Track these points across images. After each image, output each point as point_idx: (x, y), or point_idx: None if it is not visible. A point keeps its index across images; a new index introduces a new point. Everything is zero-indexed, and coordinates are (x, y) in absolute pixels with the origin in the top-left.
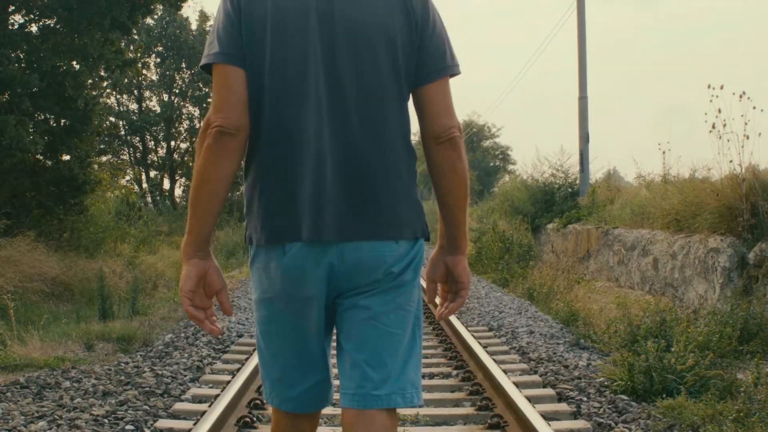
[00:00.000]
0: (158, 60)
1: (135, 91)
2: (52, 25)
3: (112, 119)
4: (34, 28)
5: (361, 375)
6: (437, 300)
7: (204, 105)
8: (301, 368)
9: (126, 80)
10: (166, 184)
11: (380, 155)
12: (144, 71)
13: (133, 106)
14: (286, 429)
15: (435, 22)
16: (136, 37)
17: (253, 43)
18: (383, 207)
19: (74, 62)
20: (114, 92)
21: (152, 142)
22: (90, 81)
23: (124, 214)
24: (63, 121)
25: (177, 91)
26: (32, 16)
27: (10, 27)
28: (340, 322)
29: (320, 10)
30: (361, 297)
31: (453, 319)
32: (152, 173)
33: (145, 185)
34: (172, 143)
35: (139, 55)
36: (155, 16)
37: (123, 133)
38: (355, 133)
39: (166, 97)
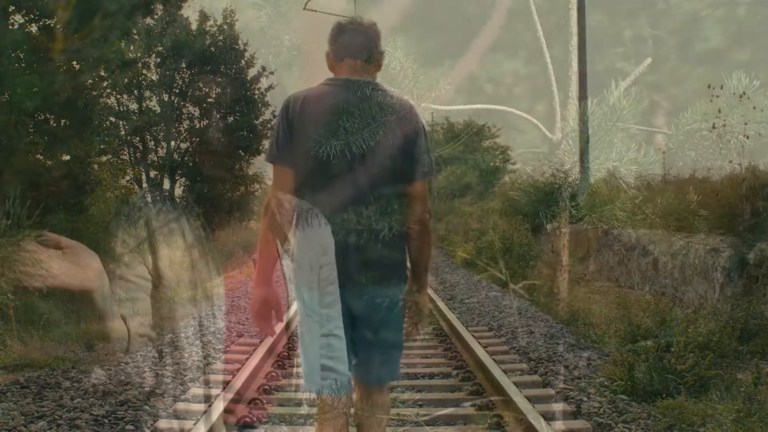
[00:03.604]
0: (158, 60)
1: (135, 91)
2: (52, 25)
3: (112, 119)
4: (34, 28)
5: (367, 364)
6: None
7: (204, 105)
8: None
9: (126, 80)
10: (166, 184)
11: (383, 234)
12: (144, 71)
13: (133, 106)
14: None
15: (422, 142)
16: (136, 37)
17: (299, 151)
18: (382, 266)
19: (74, 62)
20: (114, 92)
21: (152, 142)
22: (90, 81)
23: (124, 214)
24: (63, 121)
25: (177, 91)
26: (32, 16)
27: (10, 27)
28: (354, 333)
29: (345, 137)
30: (369, 317)
31: (453, 318)
32: (152, 173)
33: (145, 185)
34: (172, 143)
35: (139, 55)
36: (155, 16)
37: (123, 133)
38: (369, 220)
39: (166, 97)
